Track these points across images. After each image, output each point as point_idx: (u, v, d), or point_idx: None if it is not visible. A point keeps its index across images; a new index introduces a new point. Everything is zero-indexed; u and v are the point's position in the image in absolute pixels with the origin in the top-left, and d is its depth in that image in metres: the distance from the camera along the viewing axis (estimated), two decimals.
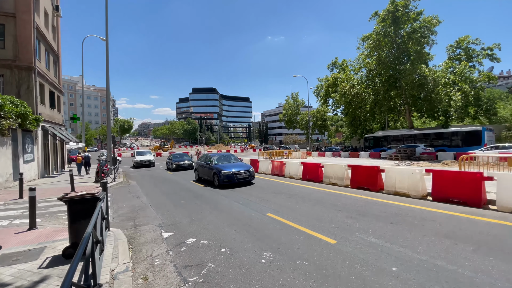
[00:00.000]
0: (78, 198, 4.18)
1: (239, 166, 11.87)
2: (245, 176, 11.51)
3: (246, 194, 9.65)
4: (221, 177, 11.20)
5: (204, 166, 13.11)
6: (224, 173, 11.24)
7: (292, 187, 10.78)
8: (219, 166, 11.83)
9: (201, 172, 13.43)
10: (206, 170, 12.73)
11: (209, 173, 12.24)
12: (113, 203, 9.09)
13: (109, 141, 17.84)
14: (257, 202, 8.13)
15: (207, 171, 12.59)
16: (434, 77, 27.67)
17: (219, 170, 11.37)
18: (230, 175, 11.21)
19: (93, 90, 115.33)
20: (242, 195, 9.39)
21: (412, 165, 18.38)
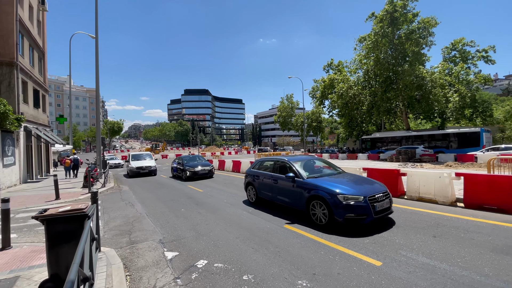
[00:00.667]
0: (60, 216, 3.20)
1: None
2: None
3: (196, 182, 8.77)
4: None
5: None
6: None
7: None
8: None
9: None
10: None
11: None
12: (104, 212, 8.03)
13: (98, 143, 16.64)
14: (268, 211, 7.27)
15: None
16: (432, 78, 27.52)
17: None
18: None
19: (82, 90, 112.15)
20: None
21: (416, 167, 17.89)
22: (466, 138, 25.86)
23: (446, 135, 27.32)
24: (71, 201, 10.17)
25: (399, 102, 31.47)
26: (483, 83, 29.77)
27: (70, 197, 10.79)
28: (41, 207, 9.25)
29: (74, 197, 10.76)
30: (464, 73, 29.44)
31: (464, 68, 29.37)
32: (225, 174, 17.65)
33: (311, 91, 46.52)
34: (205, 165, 15.79)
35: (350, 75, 37.97)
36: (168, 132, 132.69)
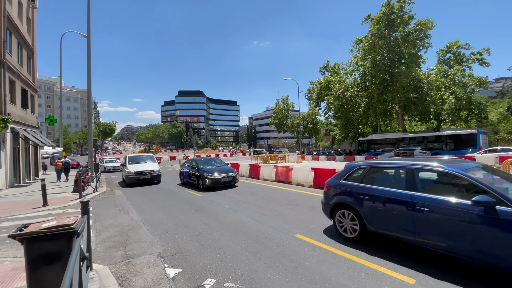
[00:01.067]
0: (43, 234, 2.66)
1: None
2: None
3: (254, 205, 8.27)
4: None
5: None
6: None
7: (307, 197, 9.50)
8: None
9: None
10: None
11: None
12: (96, 220, 7.42)
13: (90, 145, 15.92)
14: (275, 217, 6.78)
15: None
16: (428, 80, 27.61)
17: None
18: None
19: (73, 91, 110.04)
20: (250, 208, 8.01)
21: None
22: (462, 139, 25.94)
23: (442, 136, 27.37)
24: (60, 207, 9.49)
25: (396, 104, 31.50)
26: (478, 85, 30.02)
27: (59, 203, 10.10)
28: (28, 214, 8.57)
29: (64, 203, 10.08)
30: (459, 75, 29.62)
31: (460, 70, 29.53)
32: None
33: (307, 93, 46.37)
34: (227, 170, 12.51)
35: (346, 77, 37.95)
36: (162, 134, 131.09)
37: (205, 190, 11.53)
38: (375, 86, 31.26)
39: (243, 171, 16.81)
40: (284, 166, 13.12)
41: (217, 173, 11.79)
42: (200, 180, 12.02)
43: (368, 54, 29.63)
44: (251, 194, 10.46)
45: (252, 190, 11.41)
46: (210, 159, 14.18)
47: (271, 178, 13.75)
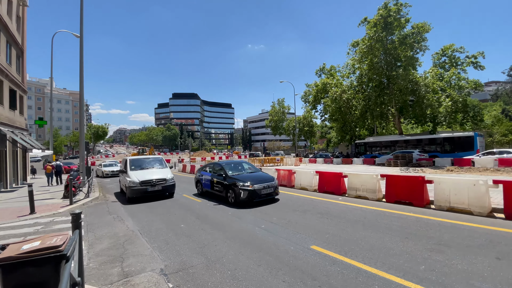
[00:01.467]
0: (24, 259, 2.12)
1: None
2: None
3: (261, 213, 7.78)
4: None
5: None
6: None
7: (314, 202, 9.05)
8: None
9: None
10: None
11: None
12: (88, 230, 6.81)
13: (82, 147, 15.19)
14: (285, 227, 6.30)
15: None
16: (425, 83, 27.65)
17: None
18: None
19: (64, 93, 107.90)
20: (257, 216, 7.51)
21: (418, 171, 17.45)
22: (460, 142, 25.95)
23: (439, 139, 27.36)
24: (48, 215, 8.81)
25: (392, 106, 31.50)
26: (474, 88, 30.25)
27: (48, 210, 9.41)
28: (12, 223, 7.89)
29: (53, 210, 9.39)
30: (455, 78, 29.79)
31: (456, 73, 29.71)
32: None
33: (303, 96, 46.22)
34: (265, 179, 9.43)
35: (343, 80, 37.91)
36: (156, 136, 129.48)
37: (236, 205, 8.87)
38: (372, 89, 31.21)
39: None
40: (286, 170, 12.67)
41: (253, 183, 8.90)
42: (230, 191, 9.23)
43: (366, 56, 29.57)
44: None
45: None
46: (238, 163, 11.48)
47: None
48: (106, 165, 24.36)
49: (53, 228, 7.22)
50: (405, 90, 27.67)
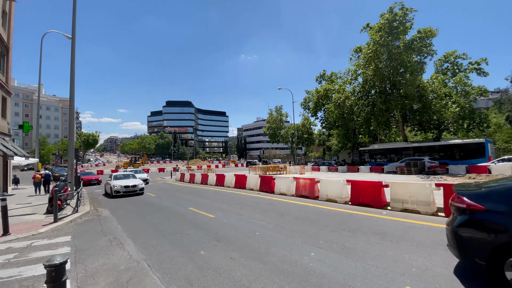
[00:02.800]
0: None
1: None
2: None
3: (295, 232, 6.23)
4: None
5: None
6: None
7: (357, 218, 7.56)
8: None
9: None
10: None
11: None
12: (77, 261, 5.10)
13: (71, 155, 13.39)
14: (342, 254, 4.76)
15: None
16: (432, 88, 26.96)
17: None
18: None
19: (54, 100, 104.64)
20: (293, 236, 5.95)
21: (441, 180, 16.22)
22: (470, 149, 25.12)
23: (449, 146, 26.49)
24: (26, 237, 7.01)
25: (398, 112, 30.67)
26: (479, 94, 29.75)
27: (26, 230, 7.60)
28: None
29: (32, 230, 7.59)
30: (462, 84, 29.22)
31: (462, 79, 29.17)
32: (243, 193, 14.81)
33: (303, 102, 45.37)
34: None
35: (345, 86, 37.13)
36: (148, 145, 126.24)
37: None
38: (376, 95, 30.37)
39: (251, 183, 14.69)
40: (308, 178, 11.15)
41: None
42: None
43: (370, 61, 28.80)
44: (278, 214, 8.38)
45: (275, 208, 9.33)
46: None
47: (290, 192, 11.71)
48: (118, 177, 16.71)
49: (30, 257, 5.47)
50: (412, 95, 26.88)
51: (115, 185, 14.99)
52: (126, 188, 14.99)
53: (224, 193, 14.26)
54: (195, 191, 16.09)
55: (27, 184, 23.34)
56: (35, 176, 17.33)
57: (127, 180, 15.96)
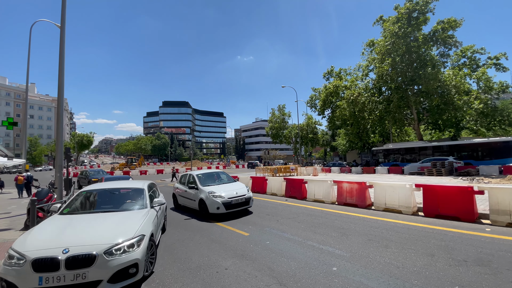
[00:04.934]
0: None
1: None
2: None
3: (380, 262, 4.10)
4: None
5: None
6: None
7: (436, 233, 5.47)
8: None
9: None
10: None
11: None
12: None
13: (59, 152, 11.06)
14: None
15: None
16: (455, 83, 25.13)
17: None
18: None
19: (47, 100, 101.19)
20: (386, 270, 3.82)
21: (480, 182, 14.26)
22: (496, 148, 23.35)
23: (474, 145, 24.67)
24: None
25: (414, 110, 28.82)
26: (501, 90, 28.04)
27: None
28: None
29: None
30: (484, 79, 27.45)
31: (486, 73, 27.40)
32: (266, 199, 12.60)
33: (309, 100, 43.40)
34: None
35: (356, 82, 35.21)
36: (144, 146, 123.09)
37: None
38: (393, 91, 28.46)
39: (274, 188, 12.50)
40: (355, 182, 9.01)
41: None
42: None
43: (387, 55, 26.88)
44: (337, 232, 6.22)
45: (325, 222, 7.17)
46: None
47: (330, 199, 9.54)
48: (203, 178, 9.50)
49: None
50: (433, 91, 25.04)
51: (215, 194, 8.09)
52: (232, 200, 8.10)
53: None
54: None
55: (14, 188, 20.87)
56: (17, 178, 15.57)
57: (224, 186, 8.95)
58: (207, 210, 7.99)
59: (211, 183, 9.26)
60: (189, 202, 9.19)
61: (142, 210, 5.08)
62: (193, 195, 8.83)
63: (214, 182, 9.49)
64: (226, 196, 8.05)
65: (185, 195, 9.46)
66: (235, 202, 8.12)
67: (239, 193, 8.41)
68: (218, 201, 7.89)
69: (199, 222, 7.87)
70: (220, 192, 8.22)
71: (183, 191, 9.61)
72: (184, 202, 9.63)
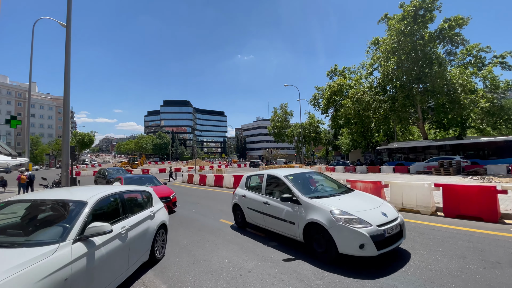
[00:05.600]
0: None
1: None
2: None
3: None
4: None
5: None
6: None
7: (493, 239, 5.27)
8: None
9: None
10: None
11: None
12: None
13: (66, 152, 10.90)
14: None
15: None
16: (461, 81, 24.93)
17: None
18: None
19: (48, 98, 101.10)
20: None
21: (491, 181, 14.07)
22: (503, 147, 23.14)
23: (480, 144, 24.44)
24: None
25: (419, 109, 28.62)
26: (507, 89, 27.85)
27: None
28: None
29: None
30: (491, 78, 27.25)
31: (492, 72, 27.20)
32: None
33: (312, 99, 43.26)
34: None
35: (361, 81, 35.00)
36: (145, 145, 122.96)
37: None
38: (398, 89, 28.27)
39: None
40: (369, 181, 8.80)
41: None
42: None
43: (393, 53, 26.68)
44: None
45: None
46: None
47: None
48: (306, 185, 6.01)
49: None
50: (439, 90, 24.84)
51: (351, 217, 4.30)
52: (385, 231, 4.25)
53: None
54: (212, 196, 13.72)
55: (15, 187, 20.72)
56: (19, 177, 15.31)
57: (348, 199, 5.14)
58: (333, 246, 4.26)
59: (313, 192, 5.49)
60: (273, 222, 5.59)
61: (39, 249, 2.61)
62: (285, 212, 5.20)
63: (314, 190, 5.75)
64: (373, 223, 4.21)
65: (261, 209, 5.89)
66: (389, 234, 4.25)
67: (389, 215, 4.52)
68: (362, 233, 4.05)
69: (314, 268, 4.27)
70: (358, 212, 4.40)
71: (256, 202, 6.11)
72: (259, 220, 6.07)
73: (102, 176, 18.82)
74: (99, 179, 19.16)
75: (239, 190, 7.08)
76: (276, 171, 6.27)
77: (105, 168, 21.31)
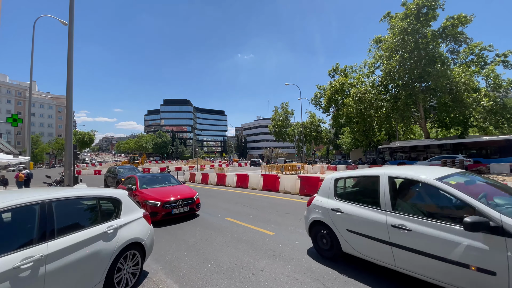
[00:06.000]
0: None
1: None
2: None
3: None
4: None
5: None
6: None
7: None
8: None
9: None
10: None
11: None
12: None
13: (68, 149, 10.79)
14: None
15: None
16: (464, 80, 24.83)
17: None
18: None
19: (48, 97, 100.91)
20: None
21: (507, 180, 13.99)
22: (505, 146, 23.11)
23: (482, 143, 24.39)
24: None
25: (421, 107, 28.54)
26: (510, 87, 27.74)
27: None
28: None
29: None
30: (493, 76, 27.15)
31: (495, 70, 27.10)
32: (278, 197, 12.34)
33: (313, 98, 43.13)
34: None
35: (363, 78, 34.90)
36: (146, 144, 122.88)
37: None
38: (401, 88, 28.17)
39: (288, 186, 12.23)
40: None
41: None
42: None
43: (395, 52, 26.56)
44: None
45: None
46: None
47: None
48: None
49: None
50: (442, 88, 24.72)
51: None
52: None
53: (260, 197, 11.74)
54: (216, 194, 13.63)
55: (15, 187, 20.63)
56: (18, 175, 15.24)
57: None
58: None
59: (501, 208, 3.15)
60: (422, 265, 3.15)
61: None
62: (464, 250, 2.80)
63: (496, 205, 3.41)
64: None
65: (387, 237, 3.48)
66: None
67: None
68: None
69: None
70: None
71: (372, 222, 3.68)
72: (378, 254, 3.64)
73: (112, 176, 17.35)
74: (109, 179, 17.77)
75: (323, 200, 4.64)
76: (411, 172, 3.64)
77: (116, 167, 19.68)
